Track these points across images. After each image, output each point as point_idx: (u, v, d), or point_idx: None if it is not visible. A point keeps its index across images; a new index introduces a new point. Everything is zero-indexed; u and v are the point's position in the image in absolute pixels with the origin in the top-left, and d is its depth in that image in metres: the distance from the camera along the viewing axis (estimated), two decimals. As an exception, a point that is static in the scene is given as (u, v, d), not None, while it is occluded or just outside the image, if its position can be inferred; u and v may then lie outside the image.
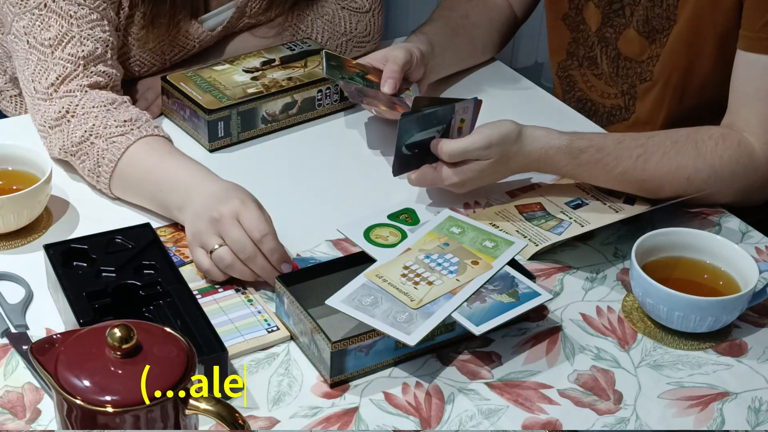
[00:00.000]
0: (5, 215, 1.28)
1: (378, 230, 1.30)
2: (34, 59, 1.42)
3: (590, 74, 1.65)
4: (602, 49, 1.60)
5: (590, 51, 1.63)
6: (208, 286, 1.25)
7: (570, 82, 1.69)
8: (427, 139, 1.38)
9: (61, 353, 0.92)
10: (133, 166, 1.36)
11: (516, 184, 1.47)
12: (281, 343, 1.19)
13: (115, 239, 1.24)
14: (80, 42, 1.42)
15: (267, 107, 1.54)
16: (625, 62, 1.58)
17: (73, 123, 1.39)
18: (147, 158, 1.36)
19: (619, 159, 1.36)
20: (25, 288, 1.24)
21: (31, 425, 1.07)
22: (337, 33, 1.70)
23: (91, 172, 1.38)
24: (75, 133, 1.38)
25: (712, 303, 1.18)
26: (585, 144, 1.36)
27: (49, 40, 1.41)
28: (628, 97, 1.60)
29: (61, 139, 1.39)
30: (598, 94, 1.65)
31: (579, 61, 1.66)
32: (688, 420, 1.12)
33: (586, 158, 1.36)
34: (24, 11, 1.42)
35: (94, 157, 1.37)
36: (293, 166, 1.50)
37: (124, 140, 1.36)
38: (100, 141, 1.36)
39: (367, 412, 1.11)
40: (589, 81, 1.65)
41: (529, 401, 1.13)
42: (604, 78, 1.63)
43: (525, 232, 1.35)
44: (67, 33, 1.41)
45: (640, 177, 1.37)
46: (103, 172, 1.36)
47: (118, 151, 1.35)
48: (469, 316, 1.15)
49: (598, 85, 1.64)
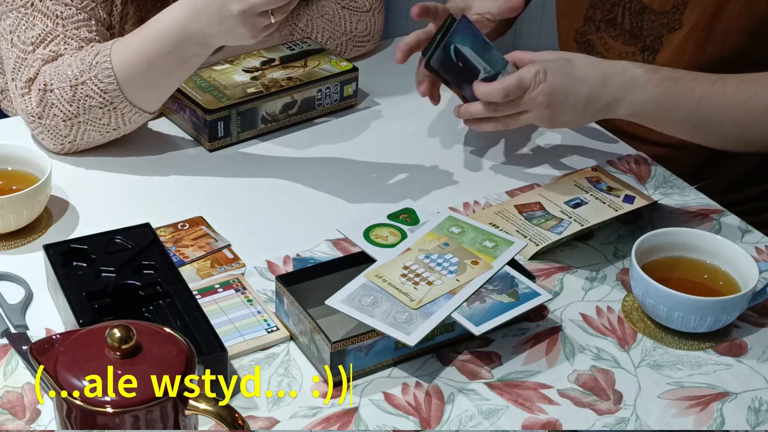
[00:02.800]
0: (5, 215, 1.28)
1: (378, 230, 1.30)
2: (13, 57, 1.42)
3: (607, 36, 1.63)
4: (625, 5, 1.59)
5: (608, 13, 1.62)
6: (208, 286, 1.25)
7: (589, 47, 1.67)
8: (471, 64, 1.34)
9: (61, 353, 0.92)
10: (129, 61, 1.37)
11: (516, 184, 1.47)
12: (281, 343, 1.19)
13: (115, 239, 1.24)
14: (64, 41, 1.42)
15: (267, 107, 1.54)
16: (650, 15, 1.56)
17: (55, 89, 1.39)
18: (131, 46, 1.37)
19: (697, 80, 1.37)
20: (25, 288, 1.24)
21: (31, 425, 1.07)
22: (337, 32, 1.70)
23: (103, 102, 1.38)
24: (63, 96, 1.38)
25: (712, 303, 1.18)
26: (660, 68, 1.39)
27: (32, 39, 1.42)
28: (649, 51, 1.58)
29: (57, 111, 1.39)
30: (616, 55, 1.63)
31: (596, 25, 1.64)
32: (688, 420, 1.12)
33: (665, 74, 1.37)
34: (11, 9, 1.42)
35: (95, 89, 1.37)
36: (293, 166, 1.50)
37: (101, 57, 1.37)
38: (86, 75, 1.37)
39: (367, 412, 1.11)
40: (607, 43, 1.64)
41: (529, 401, 1.13)
42: (621, 38, 1.61)
43: (525, 232, 1.36)
44: (50, 32, 1.41)
45: (721, 102, 1.36)
46: (112, 90, 1.37)
47: (107, 64, 1.36)
48: (468, 316, 1.15)
49: (615, 46, 1.62)
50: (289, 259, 1.31)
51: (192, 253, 1.30)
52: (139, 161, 1.48)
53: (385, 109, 1.65)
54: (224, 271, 1.28)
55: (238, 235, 1.34)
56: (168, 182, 1.45)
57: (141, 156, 1.50)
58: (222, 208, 1.40)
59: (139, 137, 1.53)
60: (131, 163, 1.48)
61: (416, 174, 1.50)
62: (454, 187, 1.47)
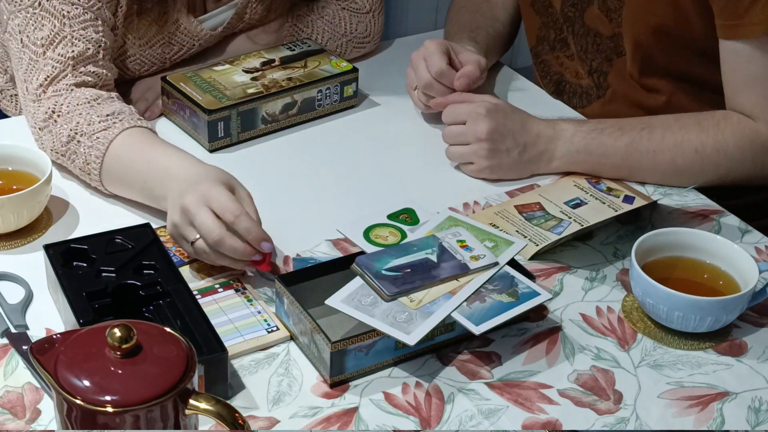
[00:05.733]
0: (5, 215, 1.28)
1: (378, 230, 1.30)
2: (26, 59, 1.42)
3: (563, 56, 1.66)
4: (569, 29, 1.62)
5: (560, 33, 1.64)
6: (208, 286, 1.25)
7: (545, 67, 1.71)
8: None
9: (61, 353, 0.92)
10: (119, 159, 1.35)
11: (515, 184, 1.47)
12: (281, 343, 1.19)
13: (115, 239, 1.24)
14: (71, 42, 1.42)
15: (267, 107, 1.54)
16: (595, 38, 1.59)
17: (60, 123, 1.39)
18: (131, 150, 1.35)
19: (623, 129, 1.43)
20: (25, 288, 1.24)
21: (31, 425, 1.07)
22: (337, 33, 1.70)
23: (82, 170, 1.38)
24: (62, 134, 1.38)
25: (712, 303, 1.18)
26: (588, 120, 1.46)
27: (42, 40, 1.41)
28: (597, 74, 1.61)
29: (51, 141, 1.39)
30: (572, 74, 1.66)
31: (551, 45, 1.67)
32: (688, 420, 1.12)
33: (591, 125, 1.44)
34: (19, 9, 1.42)
35: (82, 155, 1.37)
36: (293, 166, 1.50)
37: (107, 134, 1.35)
38: (85, 138, 1.36)
39: (367, 412, 1.11)
40: (563, 63, 1.67)
41: (529, 401, 1.13)
42: (573, 58, 1.64)
43: (525, 232, 1.36)
44: (59, 33, 1.41)
45: (649, 147, 1.42)
46: (92, 169, 1.36)
47: (102, 147, 1.35)
48: (468, 316, 1.15)
49: (571, 65, 1.65)
50: (289, 259, 1.31)
51: (192, 253, 1.30)
52: (139, 161, 1.48)
53: (385, 110, 1.65)
54: (224, 271, 1.28)
55: (238, 235, 1.34)
56: (168, 182, 1.45)
57: (141, 156, 1.49)
58: (222, 208, 1.40)
59: (139, 137, 1.53)
60: (131, 164, 1.48)
61: (416, 174, 1.50)
62: (454, 187, 1.47)
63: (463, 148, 1.47)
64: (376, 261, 1.20)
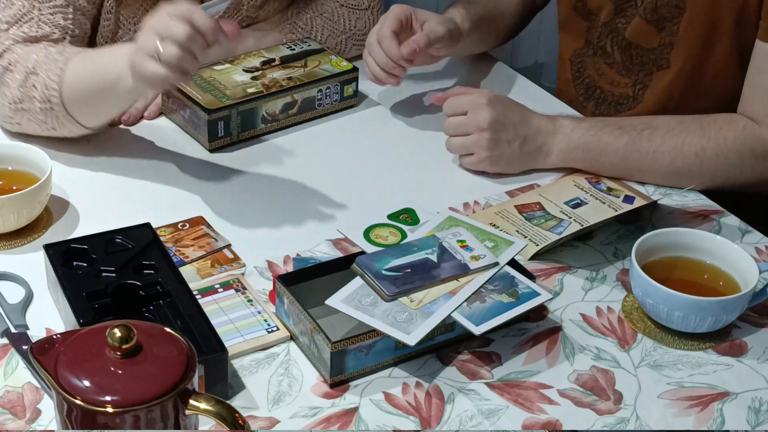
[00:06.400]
0: (5, 215, 1.28)
1: (378, 230, 1.30)
2: None
3: (602, 62, 1.65)
4: (612, 39, 1.61)
5: (599, 41, 1.63)
6: (208, 286, 1.25)
7: (581, 68, 1.69)
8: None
9: (61, 353, 0.92)
10: (77, 76, 1.38)
11: (516, 184, 1.47)
12: (281, 343, 1.19)
13: (115, 239, 1.24)
14: (37, 24, 1.44)
15: (267, 107, 1.54)
16: (637, 50, 1.58)
17: (16, 69, 1.41)
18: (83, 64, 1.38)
19: (623, 128, 1.44)
20: (25, 288, 1.24)
21: (31, 425, 1.07)
22: (336, 31, 1.70)
23: (42, 101, 1.39)
24: (17, 78, 1.40)
25: (712, 303, 1.18)
26: (589, 118, 1.47)
27: (8, 17, 1.44)
28: (640, 86, 1.60)
29: (8, 91, 1.41)
30: (608, 82, 1.64)
31: (594, 49, 1.66)
32: (688, 420, 1.12)
33: (591, 123, 1.45)
34: None
35: (41, 83, 1.39)
36: (293, 166, 1.50)
37: (62, 58, 1.39)
38: (42, 67, 1.39)
39: (367, 412, 1.11)
40: (601, 69, 1.65)
41: (529, 401, 1.13)
42: (616, 67, 1.63)
43: (525, 232, 1.36)
44: (27, 14, 1.44)
45: (649, 148, 1.42)
46: (53, 103, 1.38)
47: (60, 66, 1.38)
48: (468, 316, 1.15)
49: (609, 73, 1.64)
50: (289, 259, 1.31)
51: (192, 253, 1.30)
52: (139, 161, 1.48)
53: (385, 109, 1.65)
54: (224, 271, 1.28)
55: (238, 235, 1.34)
56: (168, 182, 1.45)
57: (141, 156, 1.50)
58: (222, 208, 1.40)
59: (140, 137, 1.53)
60: (131, 163, 1.48)
61: (416, 174, 1.50)
62: (454, 187, 1.47)
63: (464, 139, 1.47)
64: (376, 261, 1.20)
